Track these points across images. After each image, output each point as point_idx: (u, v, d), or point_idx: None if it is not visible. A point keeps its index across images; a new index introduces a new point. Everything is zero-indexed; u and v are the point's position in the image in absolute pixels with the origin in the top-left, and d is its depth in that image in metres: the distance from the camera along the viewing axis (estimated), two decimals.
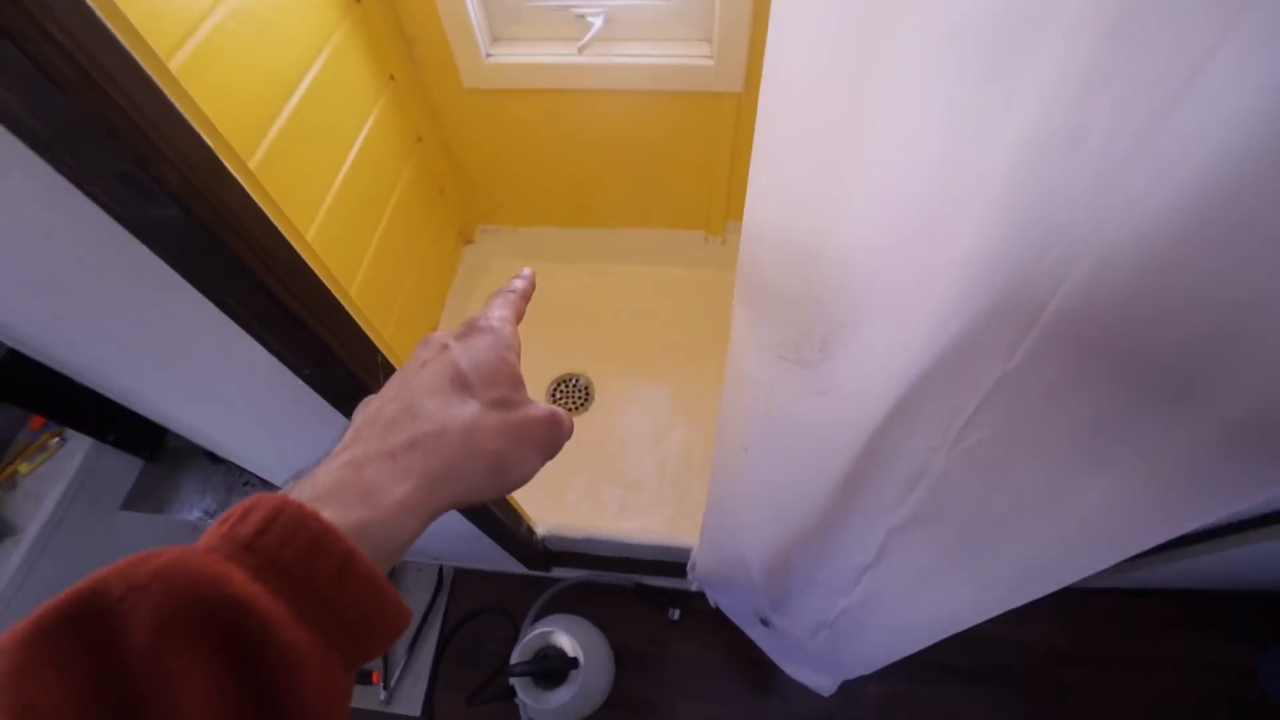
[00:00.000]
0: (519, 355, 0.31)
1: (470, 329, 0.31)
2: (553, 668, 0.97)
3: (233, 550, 0.20)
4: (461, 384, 0.28)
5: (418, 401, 0.27)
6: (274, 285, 0.35)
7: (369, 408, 0.28)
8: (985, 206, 0.26)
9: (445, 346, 0.30)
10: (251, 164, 0.73)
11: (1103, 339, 0.28)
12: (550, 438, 0.30)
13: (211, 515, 1.11)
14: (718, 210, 1.35)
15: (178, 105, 0.30)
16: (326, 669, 0.20)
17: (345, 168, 0.93)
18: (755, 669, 1.20)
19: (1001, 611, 0.48)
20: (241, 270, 0.33)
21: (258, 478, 1.13)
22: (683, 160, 1.25)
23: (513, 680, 0.98)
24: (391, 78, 1.05)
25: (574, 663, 0.98)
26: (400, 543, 0.24)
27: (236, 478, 1.15)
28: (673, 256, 1.48)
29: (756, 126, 0.30)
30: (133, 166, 0.28)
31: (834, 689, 0.96)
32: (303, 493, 0.23)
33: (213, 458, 1.17)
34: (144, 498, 1.15)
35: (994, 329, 0.31)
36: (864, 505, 0.50)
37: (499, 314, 0.32)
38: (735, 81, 1.06)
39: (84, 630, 0.17)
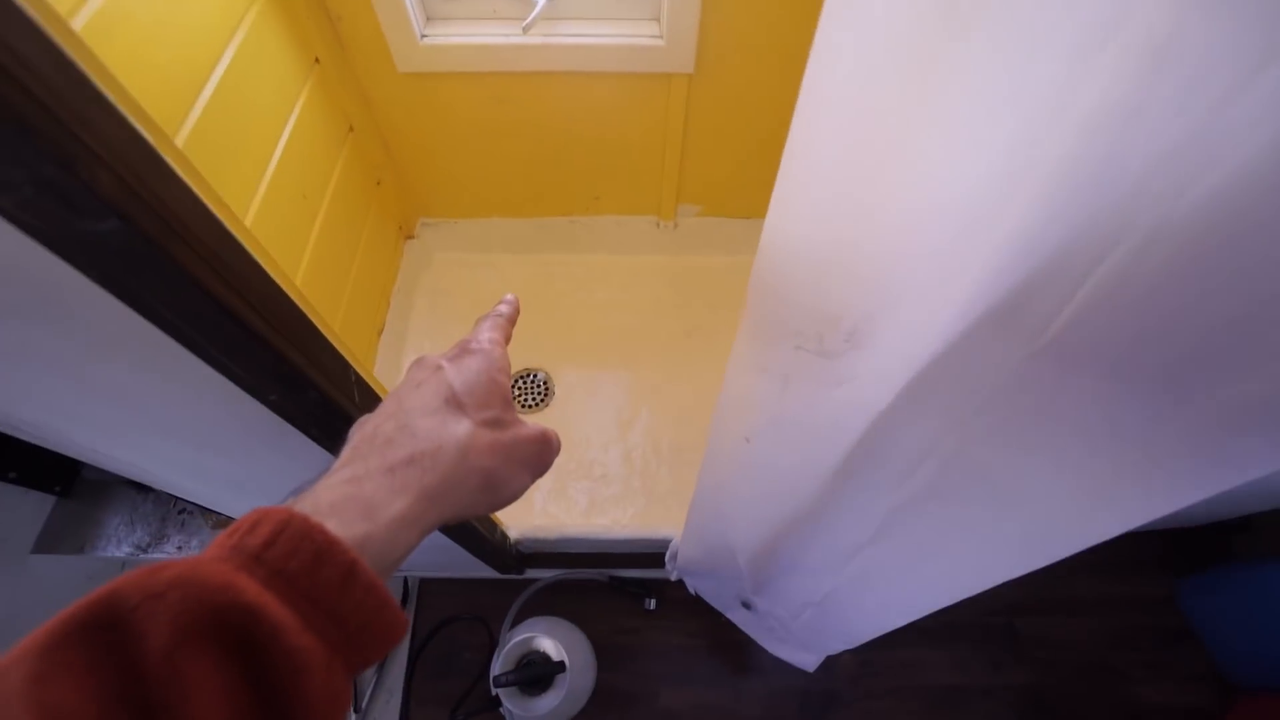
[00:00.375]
0: (509, 375, 0.33)
1: (462, 351, 0.32)
2: (539, 674, 0.95)
3: (243, 561, 0.21)
4: (455, 404, 0.29)
5: (414, 421, 0.28)
6: (238, 305, 0.30)
7: (365, 427, 0.29)
8: (1033, 189, 0.25)
9: (439, 368, 0.30)
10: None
11: (1134, 321, 0.28)
12: (540, 457, 0.32)
13: (145, 549, 1.01)
14: (669, 195, 1.33)
15: (98, 83, 0.25)
16: (330, 674, 0.21)
17: (274, 162, 0.84)
18: (735, 651, 1.22)
19: (1004, 580, 0.49)
20: (198, 290, 0.28)
21: (195, 504, 1.04)
22: (633, 145, 1.22)
23: (497, 690, 0.95)
24: (316, 60, 0.96)
25: (560, 666, 0.96)
26: (398, 555, 0.25)
27: (169, 506, 1.05)
28: (624, 243, 1.45)
29: (797, 107, 0.28)
30: (54, 169, 0.23)
31: (818, 664, 0.98)
32: (305, 507, 0.24)
33: (138, 486, 1.07)
34: (60, 538, 1.04)
35: (1023, 311, 0.30)
36: (865, 487, 0.50)
37: (488, 336, 0.33)
38: (686, 62, 1.03)
39: (103, 636, 0.18)
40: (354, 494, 0.25)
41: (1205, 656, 1.26)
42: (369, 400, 0.45)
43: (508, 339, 0.35)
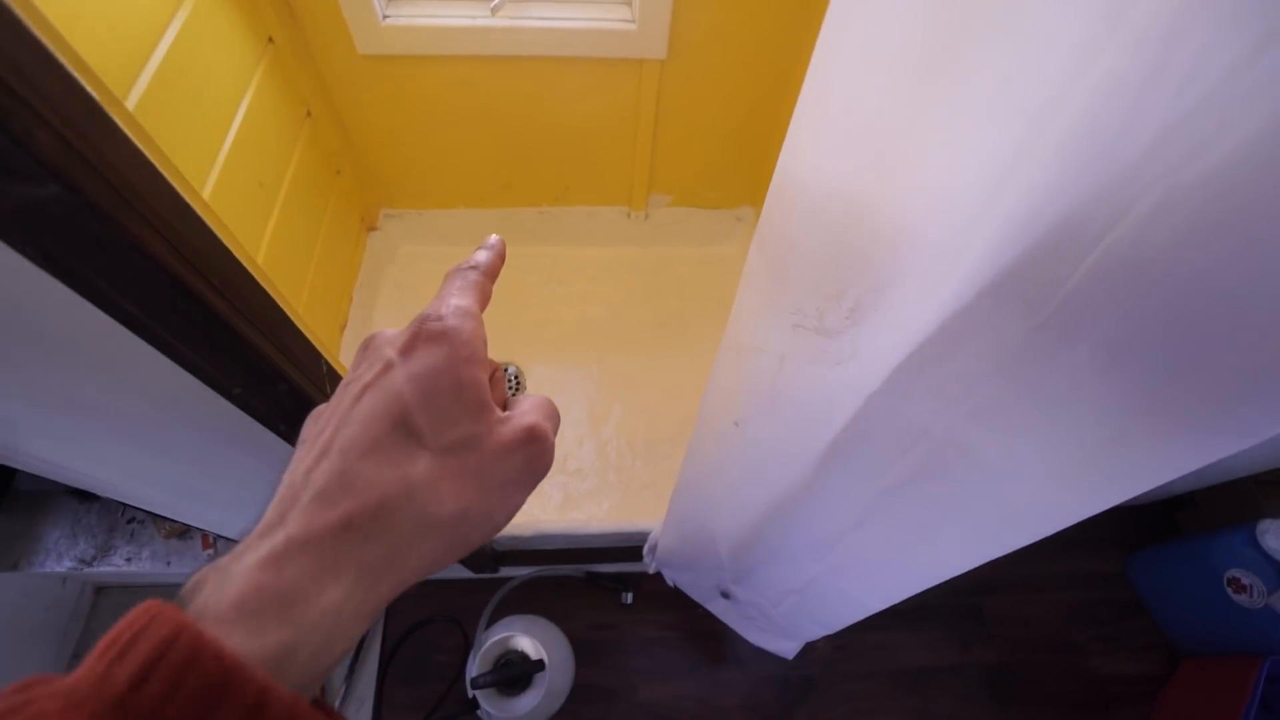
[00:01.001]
0: (484, 359, 0.25)
1: (418, 334, 0.24)
2: (518, 673, 0.93)
3: (101, 708, 0.15)
4: (407, 428, 0.22)
5: (352, 464, 0.21)
6: (199, 286, 0.27)
7: (297, 466, 0.22)
8: (1045, 157, 0.25)
9: (388, 366, 0.23)
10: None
11: (1137, 292, 0.28)
12: (530, 466, 0.24)
13: (89, 562, 0.94)
14: (640, 184, 1.32)
15: (31, 25, 0.22)
16: None
17: (226, 148, 0.79)
18: (713, 642, 1.22)
19: (988, 560, 0.50)
20: (154, 269, 0.25)
21: (146, 513, 0.97)
22: (603, 133, 1.20)
23: (474, 692, 0.92)
24: (270, 40, 0.91)
25: (539, 665, 0.94)
26: (337, 653, 0.20)
27: (117, 515, 0.98)
28: (594, 235, 1.43)
29: (807, 75, 0.27)
30: None
31: (797, 651, 0.99)
32: (207, 605, 0.18)
33: (81, 495, 1.00)
34: None
35: (1028, 283, 0.30)
36: (855, 469, 0.50)
37: (455, 304, 0.25)
38: (658, 48, 1.02)
39: None
40: (270, 583, 0.19)
41: (1154, 626, 1.33)
42: None
43: (485, 301, 0.27)
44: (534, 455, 0.24)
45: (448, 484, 0.22)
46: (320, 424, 0.23)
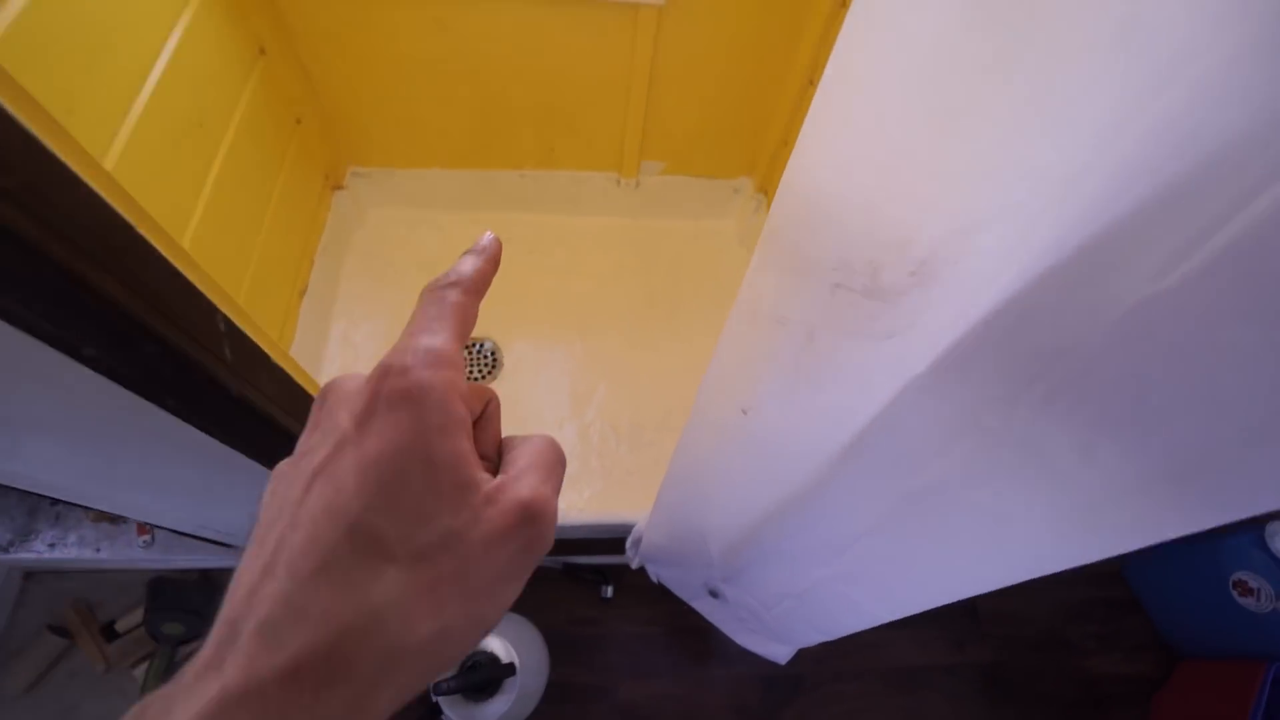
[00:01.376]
0: (464, 415, 0.19)
1: (376, 396, 0.19)
2: (485, 678, 0.85)
3: None
4: (366, 535, 0.17)
5: (301, 587, 0.17)
6: None
7: (240, 579, 0.18)
8: (1220, 52, 0.17)
9: (341, 443, 0.18)
10: None
11: None
12: (527, 553, 0.19)
13: (5, 548, 0.84)
14: (631, 148, 1.22)
15: None
16: None
17: (154, 77, 0.69)
18: (698, 638, 1.16)
19: (1031, 577, 0.43)
20: None
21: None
22: (593, 87, 1.10)
23: (437, 698, 0.84)
24: None
25: (510, 669, 0.86)
26: None
27: (40, 497, 0.88)
28: (581, 203, 1.34)
29: None
30: None
31: (790, 656, 0.92)
32: None
33: None
34: None
35: (1163, 226, 0.22)
36: (880, 466, 0.42)
37: (424, 347, 0.20)
38: None
39: None
40: None
41: (1150, 627, 1.30)
42: (246, 360, 0.33)
43: (467, 329, 0.22)
44: (531, 539, 0.19)
45: (422, 602, 0.17)
46: (274, 508, 0.19)
